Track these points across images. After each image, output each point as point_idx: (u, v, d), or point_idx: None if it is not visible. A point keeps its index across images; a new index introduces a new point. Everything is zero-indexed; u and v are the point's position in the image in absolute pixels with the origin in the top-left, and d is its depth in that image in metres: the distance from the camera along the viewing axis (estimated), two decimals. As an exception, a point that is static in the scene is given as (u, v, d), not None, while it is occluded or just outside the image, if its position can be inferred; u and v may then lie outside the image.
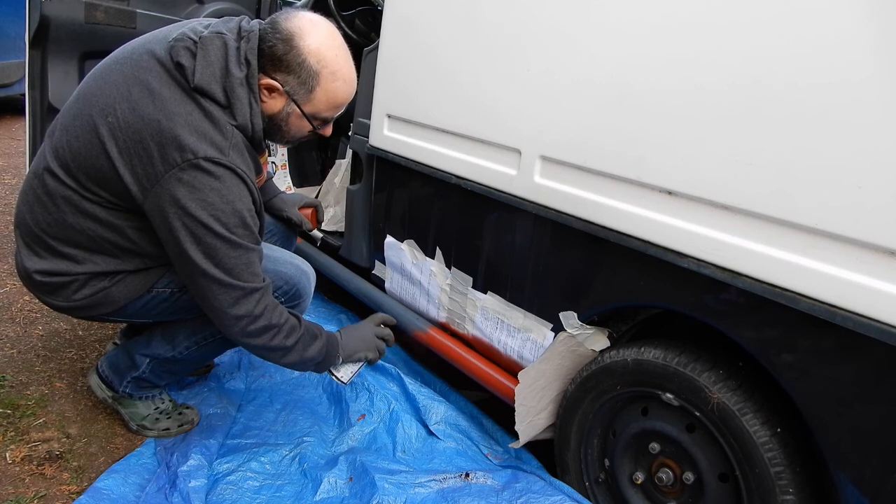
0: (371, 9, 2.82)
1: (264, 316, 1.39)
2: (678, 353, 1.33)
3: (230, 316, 1.36)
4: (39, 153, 1.46)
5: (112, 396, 1.75)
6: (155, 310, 1.55)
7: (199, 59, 1.30)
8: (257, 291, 1.37)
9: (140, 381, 1.71)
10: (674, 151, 1.22)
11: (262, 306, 1.38)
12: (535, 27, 1.47)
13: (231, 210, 1.31)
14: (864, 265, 1.00)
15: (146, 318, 1.59)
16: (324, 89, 1.37)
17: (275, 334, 1.41)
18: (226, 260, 1.32)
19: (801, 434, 1.20)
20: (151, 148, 1.28)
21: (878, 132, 0.97)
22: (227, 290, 1.34)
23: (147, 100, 1.29)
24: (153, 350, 1.67)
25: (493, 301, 1.72)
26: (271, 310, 1.40)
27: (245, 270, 1.35)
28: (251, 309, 1.37)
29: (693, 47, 1.19)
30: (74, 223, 1.40)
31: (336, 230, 2.44)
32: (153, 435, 1.73)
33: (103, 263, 1.44)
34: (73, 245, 1.42)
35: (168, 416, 1.76)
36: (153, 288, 1.51)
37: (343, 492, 1.56)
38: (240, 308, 1.35)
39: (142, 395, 1.75)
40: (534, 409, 1.62)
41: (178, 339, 1.66)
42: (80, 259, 1.43)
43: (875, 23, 0.97)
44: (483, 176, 1.64)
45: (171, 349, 1.66)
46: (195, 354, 1.68)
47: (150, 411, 1.75)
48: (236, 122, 1.34)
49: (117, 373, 1.71)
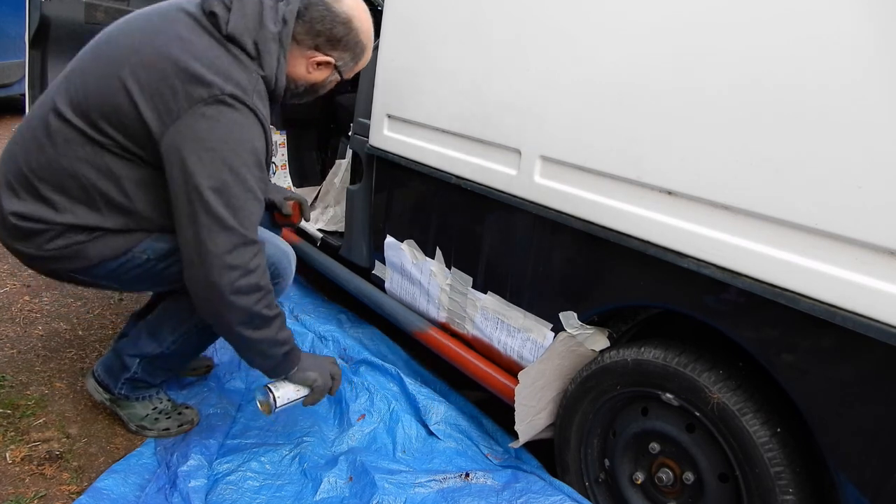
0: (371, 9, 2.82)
1: (256, 273, 1.37)
2: (678, 353, 1.33)
3: (225, 263, 1.32)
4: (43, 99, 1.44)
5: (109, 399, 1.74)
6: (126, 276, 1.51)
7: (235, 10, 1.35)
8: (255, 245, 1.36)
9: (134, 381, 1.70)
10: (674, 151, 1.22)
11: (256, 262, 1.36)
12: (535, 27, 1.47)
13: (249, 149, 1.33)
14: (864, 265, 1.00)
15: (113, 283, 1.55)
16: (364, 59, 1.57)
17: (261, 298, 1.39)
18: (234, 200, 1.32)
19: (801, 434, 1.20)
20: (176, 85, 1.29)
21: (878, 132, 0.97)
22: (229, 234, 1.32)
23: (175, 42, 1.32)
24: (141, 349, 1.66)
25: (493, 301, 1.72)
26: (263, 272, 1.39)
27: (249, 218, 1.35)
28: (247, 261, 1.34)
29: (693, 47, 1.19)
30: (69, 167, 1.37)
31: (336, 230, 2.44)
32: (153, 435, 1.73)
33: (84, 216, 1.40)
34: (59, 191, 1.39)
35: (168, 416, 1.75)
36: (130, 251, 1.46)
37: (343, 492, 1.56)
38: (236, 257, 1.33)
39: (138, 395, 1.74)
40: (533, 409, 1.62)
41: (162, 334, 1.65)
42: (62, 207, 1.39)
43: (875, 23, 0.97)
44: (483, 176, 1.64)
45: (158, 345, 1.65)
46: (182, 348, 1.67)
47: (149, 411, 1.75)
48: (263, 73, 1.39)
49: (111, 375, 1.71)
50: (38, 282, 2.53)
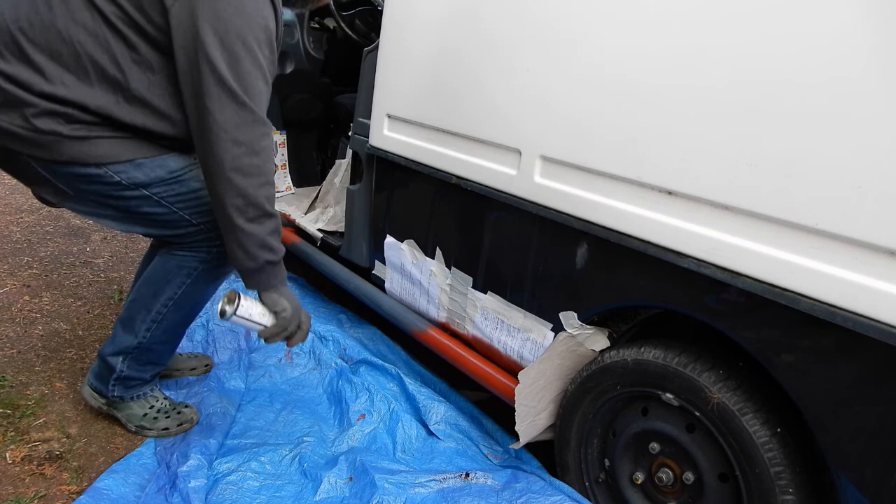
0: (371, 9, 2.82)
1: (261, 156, 1.34)
2: (678, 353, 1.33)
3: (230, 138, 1.30)
4: None
5: (105, 403, 1.74)
6: (90, 192, 1.44)
7: None
8: (264, 125, 1.35)
9: (124, 380, 1.69)
10: (674, 151, 1.22)
11: (263, 144, 1.35)
12: (535, 27, 1.47)
13: (262, 26, 1.32)
14: (864, 265, 1.00)
15: (79, 202, 1.48)
16: None
17: (261, 184, 1.35)
18: (246, 75, 1.30)
19: (801, 434, 1.20)
20: None
21: (878, 132, 0.97)
22: (238, 108, 1.30)
23: None
24: (119, 345, 1.66)
25: (493, 301, 1.72)
26: (268, 157, 1.37)
27: (259, 96, 1.33)
28: (253, 139, 1.32)
29: (693, 47, 1.19)
30: (64, 30, 1.30)
31: (336, 230, 2.44)
32: (153, 435, 1.73)
33: (74, 88, 1.32)
34: (49, 54, 1.31)
35: (167, 415, 1.75)
36: (104, 165, 1.40)
37: (343, 492, 1.56)
38: (243, 133, 1.31)
39: (132, 394, 1.73)
40: (534, 410, 1.62)
41: (135, 325, 1.63)
42: (49, 75, 1.31)
43: (875, 21, 0.97)
44: (483, 176, 1.64)
45: (133, 337, 1.64)
46: (158, 335, 1.65)
47: (146, 410, 1.74)
48: None
49: (102, 380, 1.71)
50: (38, 282, 2.53)
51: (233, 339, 2.18)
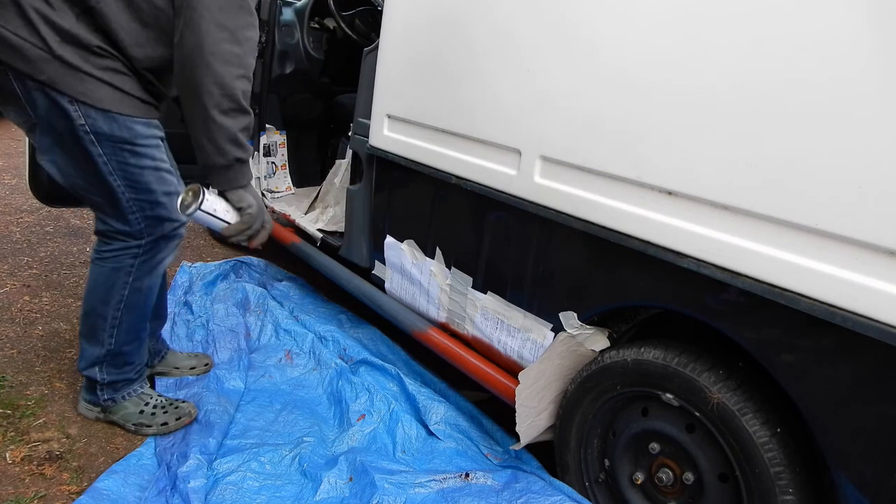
0: (371, 9, 2.82)
1: (243, 46, 1.34)
2: (678, 354, 1.33)
3: (214, 19, 1.30)
4: None
5: (100, 411, 1.77)
6: (52, 130, 1.43)
7: None
8: (251, 16, 1.35)
9: (110, 385, 1.72)
10: (674, 151, 1.22)
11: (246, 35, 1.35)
12: (535, 26, 1.47)
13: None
14: (864, 265, 1.00)
15: (41, 134, 1.45)
16: None
17: (239, 76, 1.35)
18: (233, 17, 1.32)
19: (801, 434, 1.20)
20: None
21: (879, 132, 0.97)
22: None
23: None
24: (90, 358, 1.68)
25: (493, 301, 1.72)
26: (250, 50, 1.36)
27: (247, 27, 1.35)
28: (237, 27, 1.33)
29: (693, 47, 1.19)
30: None
31: (336, 230, 2.44)
32: (152, 431, 1.73)
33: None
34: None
35: (164, 411, 1.76)
36: (78, 103, 1.38)
37: (343, 492, 1.56)
38: (227, 17, 1.31)
39: (123, 394, 1.75)
40: (534, 410, 1.62)
41: (97, 334, 1.65)
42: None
43: (875, 21, 0.97)
44: (483, 176, 1.64)
45: (101, 346, 1.66)
46: (123, 336, 1.67)
47: (142, 407, 1.75)
48: None
49: (91, 391, 1.75)
50: (38, 282, 2.53)
51: (233, 339, 2.18)
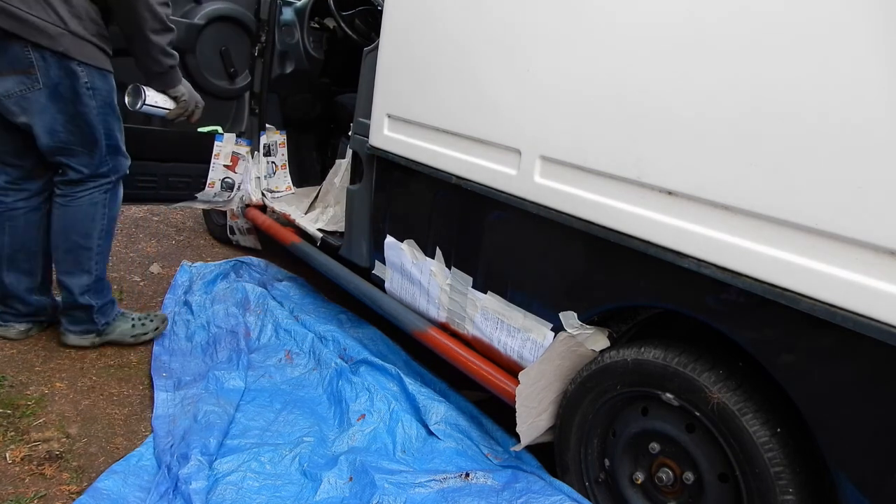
0: (371, 9, 2.82)
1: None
2: (678, 353, 1.33)
3: None
4: None
5: (96, 335, 2.01)
6: (57, 90, 1.72)
7: None
8: None
9: (101, 309, 2.00)
10: (674, 151, 1.22)
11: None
12: (535, 27, 1.48)
13: None
14: (864, 265, 1.00)
15: (47, 98, 1.73)
16: None
17: (163, 3, 1.73)
18: None
19: (801, 434, 1.20)
20: None
21: (879, 132, 0.97)
22: None
23: None
24: (80, 288, 1.93)
25: (493, 301, 1.72)
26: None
27: None
28: None
29: (692, 47, 1.19)
30: None
31: (336, 230, 2.44)
32: (151, 336, 2.11)
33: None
34: None
35: (150, 320, 2.13)
36: (85, 65, 1.72)
37: (343, 492, 1.56)
38: None
39: (113, 315, 2.06)
40: (535, 411, 1.62)
41: (84, 265, 1.93)
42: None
43: (875, 21, 0.97)
44: (483, 176, 1.64)
45: (89, 275, 1.94)
46: (103, 260, 1.98)
47: (132, 322, 2.08)
48: None
49: (83, 321, 1.99)
50: (38, 282, 2.52)
51: (232, 340, 2.18)
